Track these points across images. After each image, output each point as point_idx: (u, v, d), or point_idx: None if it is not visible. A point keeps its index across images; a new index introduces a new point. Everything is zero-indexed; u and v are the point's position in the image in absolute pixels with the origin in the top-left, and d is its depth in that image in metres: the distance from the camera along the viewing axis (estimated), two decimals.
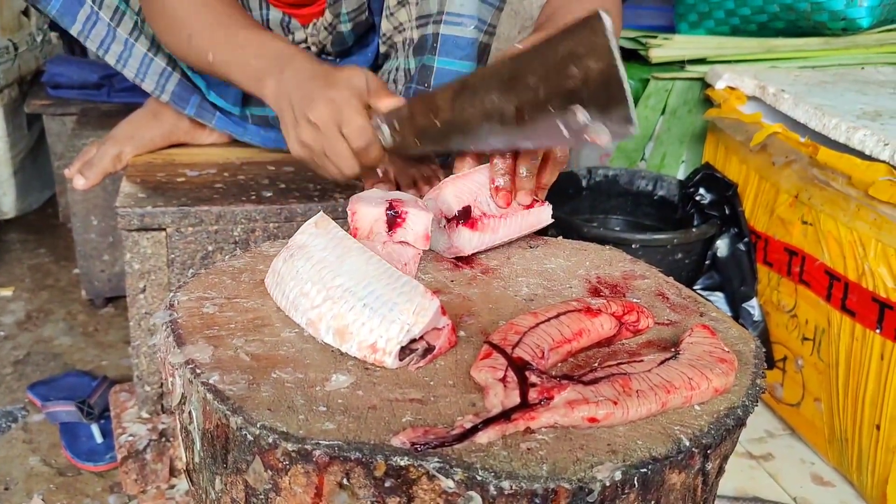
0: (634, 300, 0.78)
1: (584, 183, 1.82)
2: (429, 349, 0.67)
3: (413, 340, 0.66)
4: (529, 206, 0.88)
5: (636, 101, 1.86)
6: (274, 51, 1.03)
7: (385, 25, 1.21)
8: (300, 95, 0.95)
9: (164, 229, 1.17)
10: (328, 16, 1.25)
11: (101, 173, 1.33)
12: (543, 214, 0.90)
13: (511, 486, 0.53)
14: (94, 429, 1.44)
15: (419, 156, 1.08)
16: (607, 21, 0.65)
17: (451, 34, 1.11)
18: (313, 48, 1.32)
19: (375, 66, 1.30)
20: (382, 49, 1.24)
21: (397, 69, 1.25)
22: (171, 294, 0.75)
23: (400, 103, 0.92)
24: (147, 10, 1.17)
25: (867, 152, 1.34)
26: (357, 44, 1.31)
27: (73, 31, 1.25)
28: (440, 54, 1.12)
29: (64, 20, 1.25)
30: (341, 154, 0.93)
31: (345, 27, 1.24)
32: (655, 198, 1.80)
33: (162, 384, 1.29)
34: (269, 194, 1.22)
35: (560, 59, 0.69)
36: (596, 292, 0.81)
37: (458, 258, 0.86)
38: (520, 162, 0.85)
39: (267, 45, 1.04)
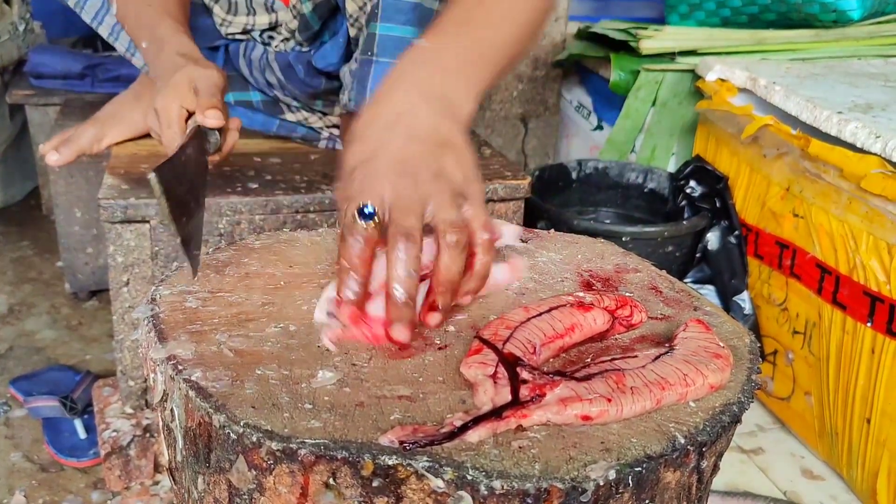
0: (627, 294, 0.77)
1: (574, 175, 1.81)
2: None
3: None
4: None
5: (626, 93, 1.85)
6: (158, 37, 1.08)
7: (350, 6, 1.18)
8: (156, 90, 1.01)
9: (148, 221, 1.15)
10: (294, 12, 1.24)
11: (76, 151, 1.30)
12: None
13: (502, 486, 0.52)
14: (78, 424, 1.42)
15: None
16: (154, 182, 0.67)
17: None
18: (286, 31, 1.30)
19: (349, 53, 1.28)
20: (352, 32, 1.21)
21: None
22: (154, 288, 0.73)
23: (213, 115, 0.96)
24: None
25: (859, 145, 1.33)
26: (328, 30, 1.29)
27: (70, 2, 1.25)
28: (382, 20, 1.11)
29: None
30: (165, 146, 0.99)
31: (306, 8, 1.22)
32: (646, 190, 1.79)
33: (146, 379, 1.27)
34: (254, 186, 1.20)
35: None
36: (588, 286, 0.80)
37: None
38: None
39: (155, 31, 1.09)
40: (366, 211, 0.64)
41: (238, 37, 1.35)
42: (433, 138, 0.70)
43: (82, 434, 1.41)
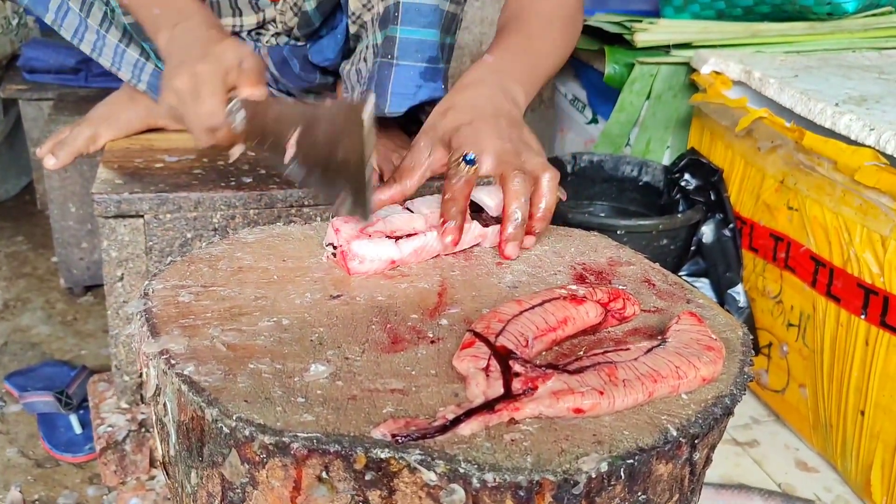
0: (620, 287, 0.77)
1: (568, 168, 1.81)
2: None
3: None
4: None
5: (622, 87, 1.85)
6: (174, 5, 1.03)
7: (353, 4, 1.18)
8: (178, 59, 0.96)
9: (142, 216, 1.15)
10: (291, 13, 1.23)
11: (72, 153, 1.30)
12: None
13: (494, 479, 0.52)
14: (73, 419, 1.42)
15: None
16: (368, 110, 0.72)
17: (412, 1, 1.09)
18: (281, 27, 1.29)
19: (346, 48, 1.28)
20: (353, 29, 1.21)
21: (367, 48, 1.23)
22: (147, 283, 0.73)
23: (262, 95, 0.94)
24: None
25: (853, 137, 1.33)
26: (325, 25, 1.28)
27: (48, 20, 1.24)
28: (402, 23, 1.10)
29: (37, 8, 1.23)
30: (193, 126, 0.94)
31: (308, 5, 1.22)
32: (640, 183, 1.79)
33: (141, 374, 1.27)
34: (248, 180, 1.20)
35: (335, 131, 0.78)
36: (581, 279, 0.80)
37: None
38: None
39: (164, 2, 1.04)
40: (468, 158, 0.82)
41: None
42: (511, 118, 0.92)
43: (78, 429, 1.41)
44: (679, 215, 1.58)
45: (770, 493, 1.34)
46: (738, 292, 1.58)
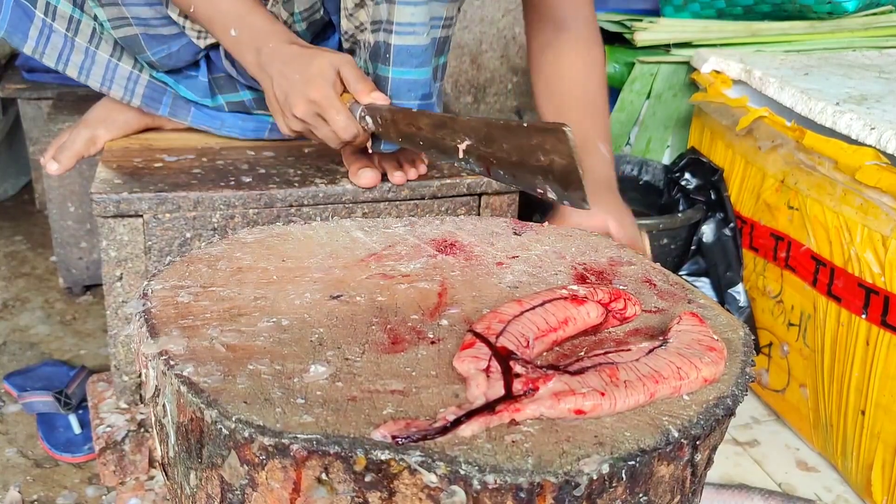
0: (621, 287, 0.77)
1: None
2: None
3: None
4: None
5: (622, 86, 1.85)
6: (251, 26, 1.05)
7: (346, 24, 1.18)
8: (282, 92, 1.01)
9: (141, 216, 1.15)
10: (282, 12, 1.22)
11: (74, 157, 1.30)
12: None
13: (495, 480, 0.52)
14: (72, 419, 1.42)
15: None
16: (570, 134, 0.80)
17: (403, 44, 1.08)
18: None
19: None
20: (346, 45, 1.21)
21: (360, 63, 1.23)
22: (145, 283, 0.73)
23: (379, 97, 1.02)
24: None
25: (853, 136, 1.33)
26: (318, 39, 1.28)
27: (27, 50, 1.19)
28: (394, 64, 1.09)
29: (14, 39, 1.18)
30: (329, 138, 1.02)
31: (299, 27, 1.22)
32: (641, 183, 1.79)
33: (140, 374, 1.27)
34: (248, 180, 1.20)
35: (531, 146, 0.84)
36: (582, 279, 0.80)
37: (442, 245, 0.84)
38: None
39: (245, 19, 1.05)
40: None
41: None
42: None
43: (77, 429, 1.41)
44: (679, 215, 1.58)
45: (770, 493, 1.34)
46: (739, 292, 1.58)
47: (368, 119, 1.00)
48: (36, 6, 1.18)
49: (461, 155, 0.91)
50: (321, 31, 1.26)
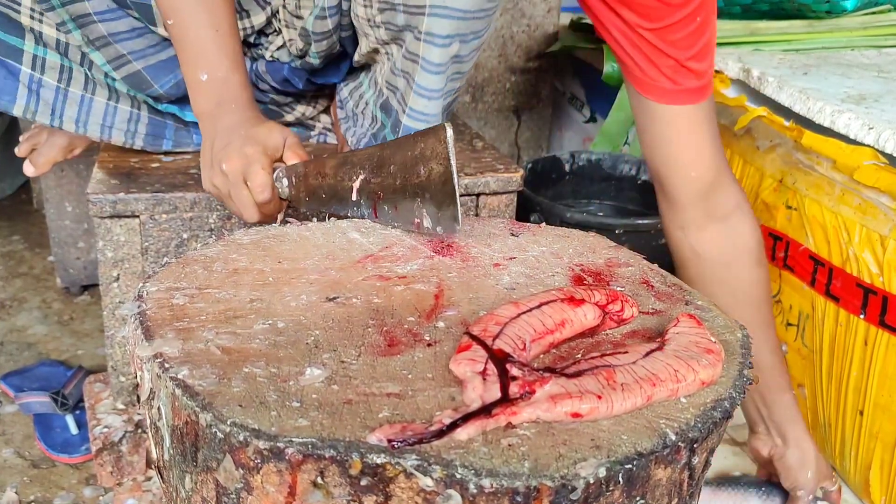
0: (618, 289, 0.76)
1: (566, 167, 1.80)
2: None
3: None
4: None
5: (619, 85, 1.84)
6: (226, 81, 1.00)
7: (358, 57, 1.20)
8: (222, 144, 0.97)
9: (138, 216, 1.15)
10: (297, 46, 1.22)
11: (49, 162, 1.29)
12: None
13: (492, 484, 0.52)
14: (69, 420, 1.42)
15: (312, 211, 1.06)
16: (449, 131, 0.79)
17: (412, 126, 1.10)
18: (280, 40, 1.27)
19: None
20: (358, 63, 1.23)
21: (361, 96, 1.24)
22: (141, 285, 0.73)
23: (300, 157, 0.98)
24: None
25: (852, 136, 1.33)
26: (331, 64, 1.28)
27: (17, 111, 1.11)
28: (408, 117, 1.10)
29: (1, 102, 1.11)
30: (244, 202, 0.96)
31: (314, 60, 1.22)
32: (639, 182, 1.78)
33: (136, 376, 1.26)
34: None
35: (414, 158, 0.82)
36: (579, 281, 0.79)
37: (439, 247, 0.84)
38: None
39: (214, 72, 1.00)
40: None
41: None
42: None
43: (74, 430, 1.40)
44: None
45: (769, 491, 1.34)
46: None
47: (285, 180, 0.96)
48: (21, 62, 1.11)
49: (354, 196, 0.89)
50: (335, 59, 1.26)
